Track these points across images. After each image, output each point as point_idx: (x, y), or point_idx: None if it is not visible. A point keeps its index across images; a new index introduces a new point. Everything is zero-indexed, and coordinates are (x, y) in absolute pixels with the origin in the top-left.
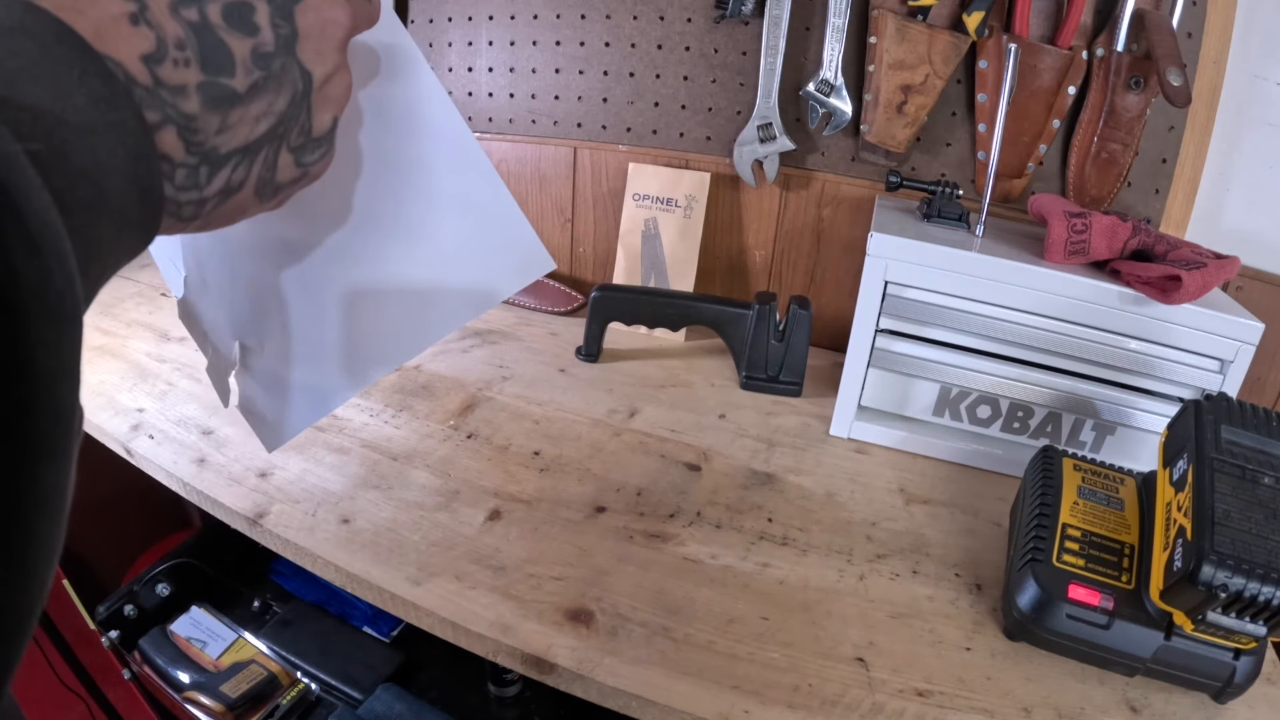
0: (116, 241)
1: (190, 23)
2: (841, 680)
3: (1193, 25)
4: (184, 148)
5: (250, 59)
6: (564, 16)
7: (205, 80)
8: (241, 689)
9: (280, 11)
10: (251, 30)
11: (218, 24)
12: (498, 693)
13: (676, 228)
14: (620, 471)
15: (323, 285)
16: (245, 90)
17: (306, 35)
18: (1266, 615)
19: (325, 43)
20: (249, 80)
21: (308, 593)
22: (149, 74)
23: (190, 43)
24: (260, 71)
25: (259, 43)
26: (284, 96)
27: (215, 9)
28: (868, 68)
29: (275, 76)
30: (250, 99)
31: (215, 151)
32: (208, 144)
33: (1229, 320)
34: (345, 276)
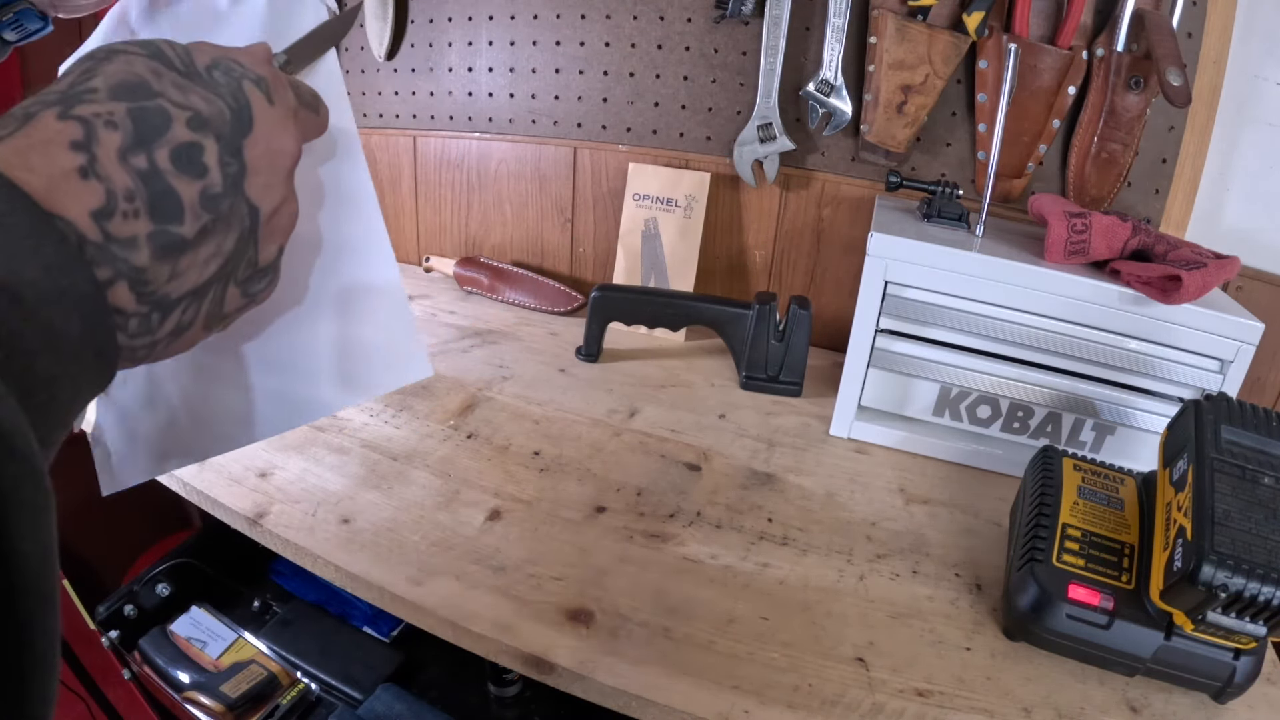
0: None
1: (139, 170)
2: (841, 680)
3: (1193, 25)
4: (135, 299)
5: (199, 202)
6: (564, 16)
7: (155, 230)
8: (241, 689)
9: (229, 148)
10: (200, 172)
11: (166, 169)
12: (498, 693)
13: (676, 228)
14: (620, 471)
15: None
16: (194, 235)
17: (255, 170)
18: (1266, 615)
19: (273, 175)
20: (198, 225)
21: (308, 593)
22: (99, 230)
23: (139, 192)
24: (209, 215)
25: (207, 184)
26: (232, 236)
27: (164, 154)
28: (868, 68)
29: (224, 217)
30: (199, 243)
31: (166, 298)
32: (159, 293)
33: (1229, 320)
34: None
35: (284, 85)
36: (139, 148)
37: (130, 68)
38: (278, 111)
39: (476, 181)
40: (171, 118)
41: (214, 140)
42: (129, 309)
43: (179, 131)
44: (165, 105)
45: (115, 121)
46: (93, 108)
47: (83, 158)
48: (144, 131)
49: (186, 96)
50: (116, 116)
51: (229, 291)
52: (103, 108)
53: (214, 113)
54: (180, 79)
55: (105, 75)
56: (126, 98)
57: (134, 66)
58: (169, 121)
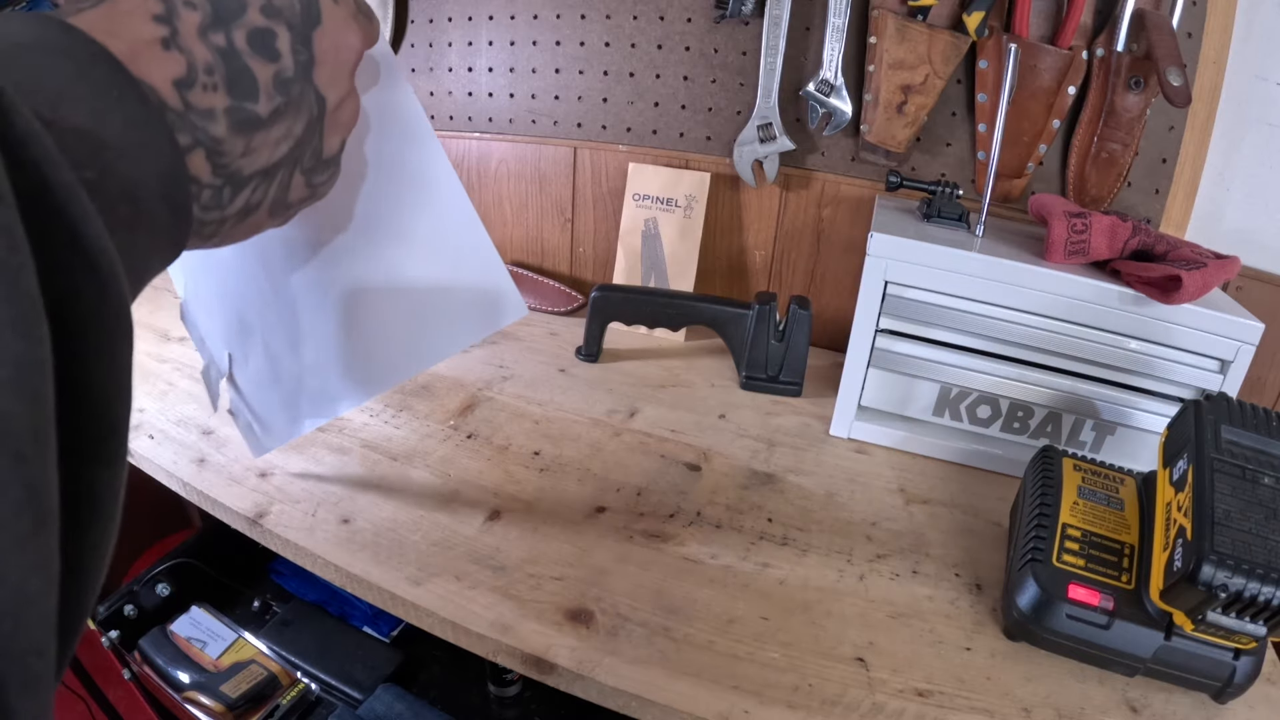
0: (150, 256)
1: (218, 48)
2: (841, 680)
3: (1193, 25)
4: (211, 170)
5: (272, 84)
6: (564, 16)
7: (232, 105)
8: (241, 689)
9: (299, 37)
10: (274, 56)
11: (243, 49)
12: (498, 693)
13: (676, 228)
14: (620, 471)
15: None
16: (268, 115)
17: (322, 61)
18: (1266, 615)
19: (339, 68)
20: (271, 105)
21: (308, 593)
22: (180, 98)
23: (218, 68)
24: (281, 97)
25: (280, 68)
26: (301, 121)
27: (241, 34)
28: (868, 68)
29: (294, 102)
30: (272, 123)
31: (239, 174)
32: (232, 166)
33: (1229, 320)
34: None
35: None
36: (217, 26)
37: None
38: (342, 10)
39: (476, 181)
40: (247, 3)
41: (285, 28)
42: (204, 179)
43: (254, 16)
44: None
45: (194, 2)
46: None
47: (165, 29)
48: (222, 12)
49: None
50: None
51: (295, 178)
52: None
53: (286, 3)
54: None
55: None
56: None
57: None
58: (244, 6)
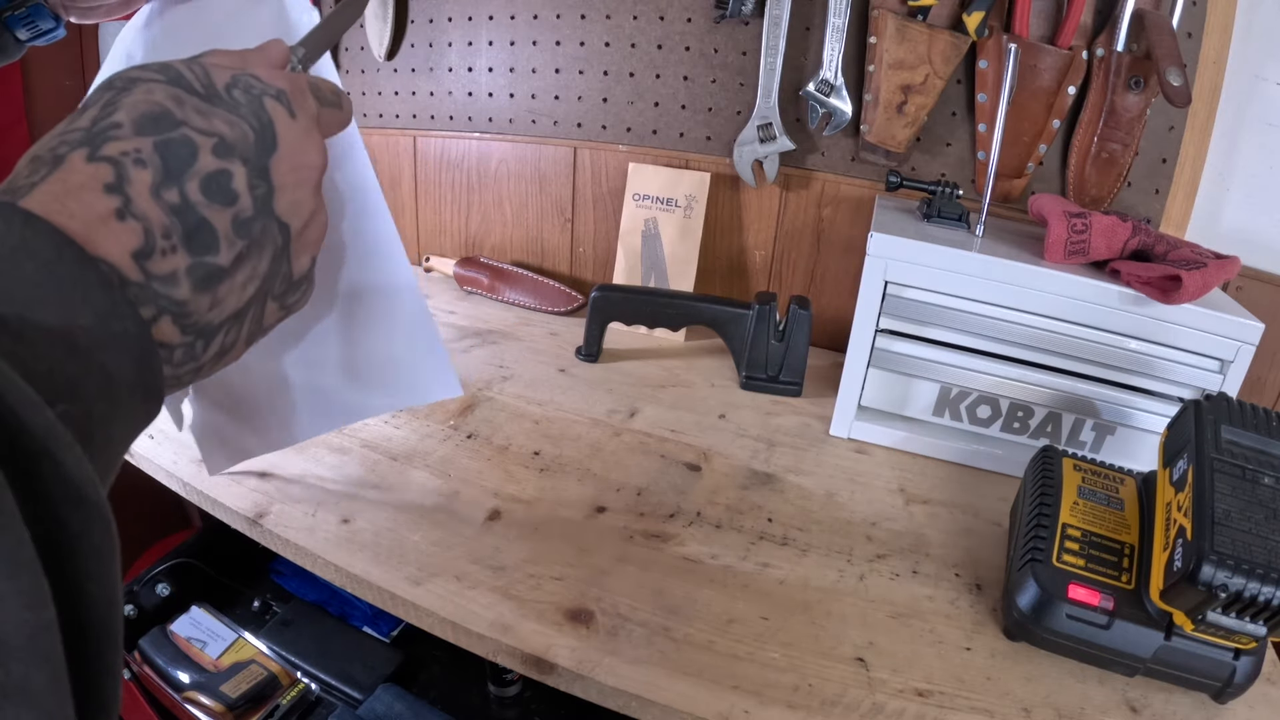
0: (126, 437)
1: (172, 205)
2: (841, 680)
3: (1193, 25)
4: (179, 331)
5: (232, 230)
6: (564, 16)
7: (193, 262)
8: (241, 689)
9: (255, 170)
10: (230, 199)
11: (198, 201)
12: (498, 693)
13: (676, 228)
14: (620, 471)
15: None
16: (230, 263)
17: (282, 188)
18: (1266, 615)
19: (301, 190)
20: (233, 252)
21: (308, 593)
22: (140, 270)
23: (175, 228)
24: (243, 240)
25: (239, 210)
26: (266, 256)
27: (194, 185)
28: (868, 68)
29: (256, 241)
30: (236, 269)
31: (209, 325)
32: (201, 322)
33: (1229, 320)
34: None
35: (304, 93)
36: (170, 182)
37: (151, 97)
38: (300, 124)
39: (476, 181)
40: (198, 147)
41: (241, 164)
42: (174, 341)
43: (206, 160)
44: (190, 134)
45: (144, 159)
46: (120, 145)
47: (117, 200)
48: (173, 165)
49: (210, 122)
50: (144, 153)
51: (267, 307)
52: (130, 144)
53: (238, 136)
54: (201, 103)
55: (127, 108)
56: (151, 130)
57: (155, 95)
58: (195, 151)
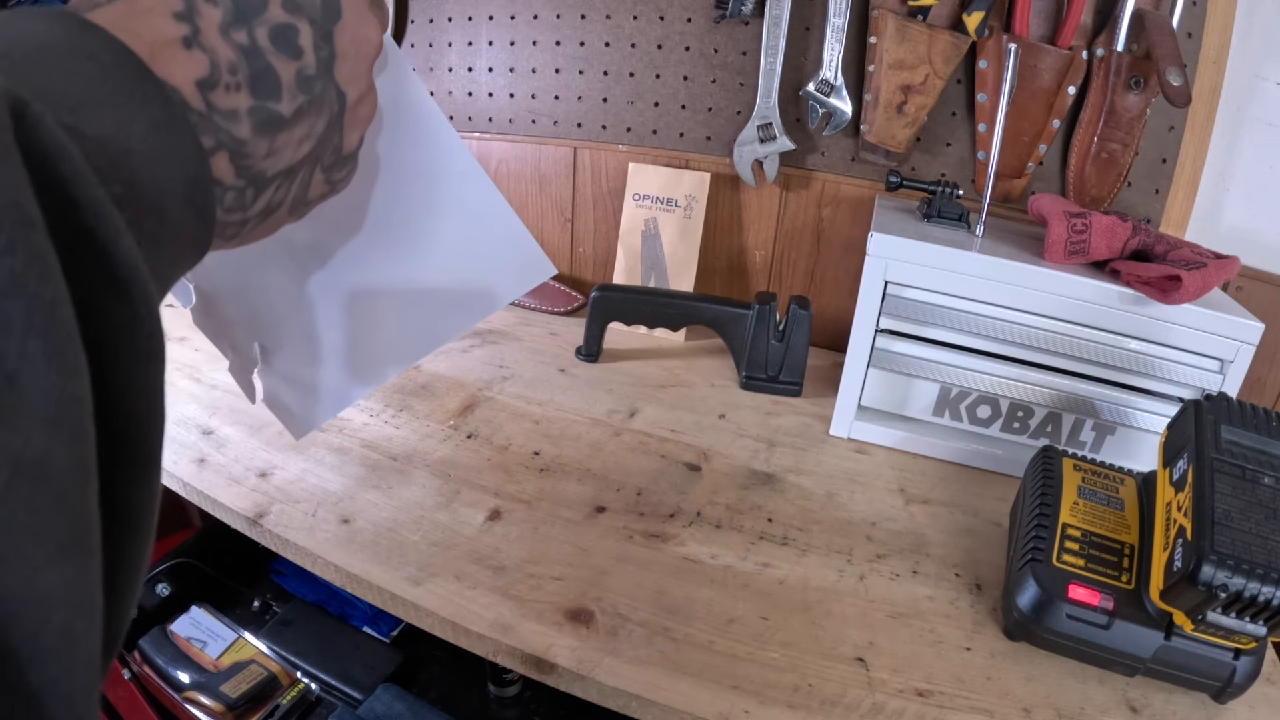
0: (175, 263)
1: (240, 45)
2: (841, 680)
3: (1193, 25)
4: (234, 172)
5: (295, 83)
6: (564, 16)
7: (255, 105)
8: (241, 689)
9: (321, 33)
10: (296, 53)
11: (265, 47)
12: (498, 693)
13: (676, 228)
14: (620, 471)
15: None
16: (291, 115)
17: (343, 57)
18: (1266, 615)
19: (359, 64)
20: (294, 105)
21: (308, 593)
22: (203, 99)
23: (241, 66)
24: (304, 95)
25: (303, 65)
26: (323, 119)
27: (263, 32)
28: (868, 68)
29: (317, 100)
30: (295, 123)
31: (262, 175)
32: (256, 168)
33: (1229, 320)
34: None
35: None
36: (240, 23)
37: None
38: (360, 3)
39: None
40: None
41: (308, 23)
42: (227, 181)
43: (276, 12)
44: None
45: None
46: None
47: (186, 28)
48: (244, 8)
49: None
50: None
51: (315, 176)
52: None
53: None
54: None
55: None
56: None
57: None
58: (266, 2)
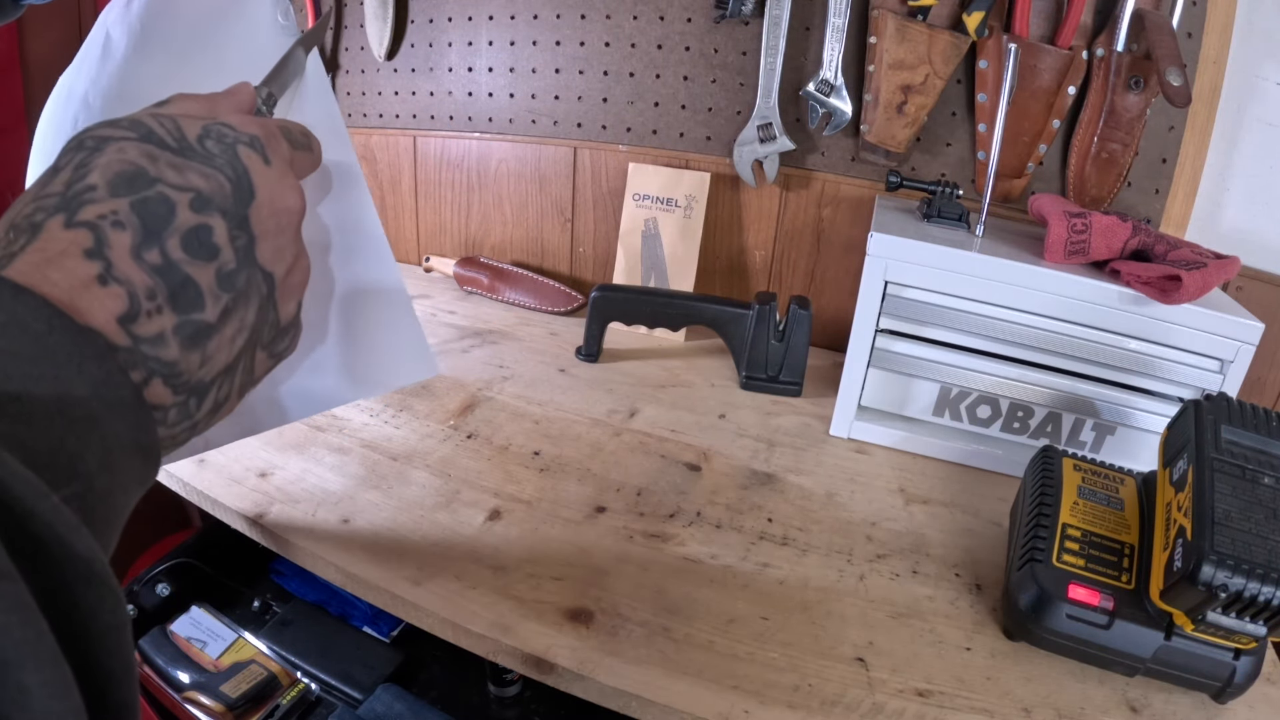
0: (127, 501)
1: (154, 266)
2: (841, 680)
3: (1193, 25)
4: (171, 392)
5: (216, 284)
6: (564, 16)
7: (180, 321)
8: (241, 689)
9: (235, 221)
10: (212, 254)
11: (180, 259)
12: (498, 693)
13: (676, 228)
14: (620, 471)
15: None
16: (217, 318)
17: (263, 236)
18: (1266, 615)
19: (282, 237)
20: (219, 307)
21: (308, 593)
22: (126, 335)
23: (159, 288)
24: (228, 294)
25: (221, 264)
26: (252, 307)
27: (174, 243)
28: (868, 68)
29: (242, 293)
30: (223, 324)
31: (201, 383)
32: (192, 380)
33: (1229, 320)
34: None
35: (276, 137)
36: (150, 242)
37: (124, 156)
38: (276, 169)
39: (476, 181)
40: (175, 204)
41: (220, 217)
42: (167, 403)
43: (185, 216)
44: (166, 191)
45: (121, 220)
46: (97, 208)
47: (98, 265)
48: (151, 224)
49: (184, 176)
50: (121, 214)
51: (257, 357)
52: (106, 206)
53: (215, 188)
54: (175, 158)
55: (101, 169)
56: (127, 191)
57: (127, 154)
58: (173, 208)
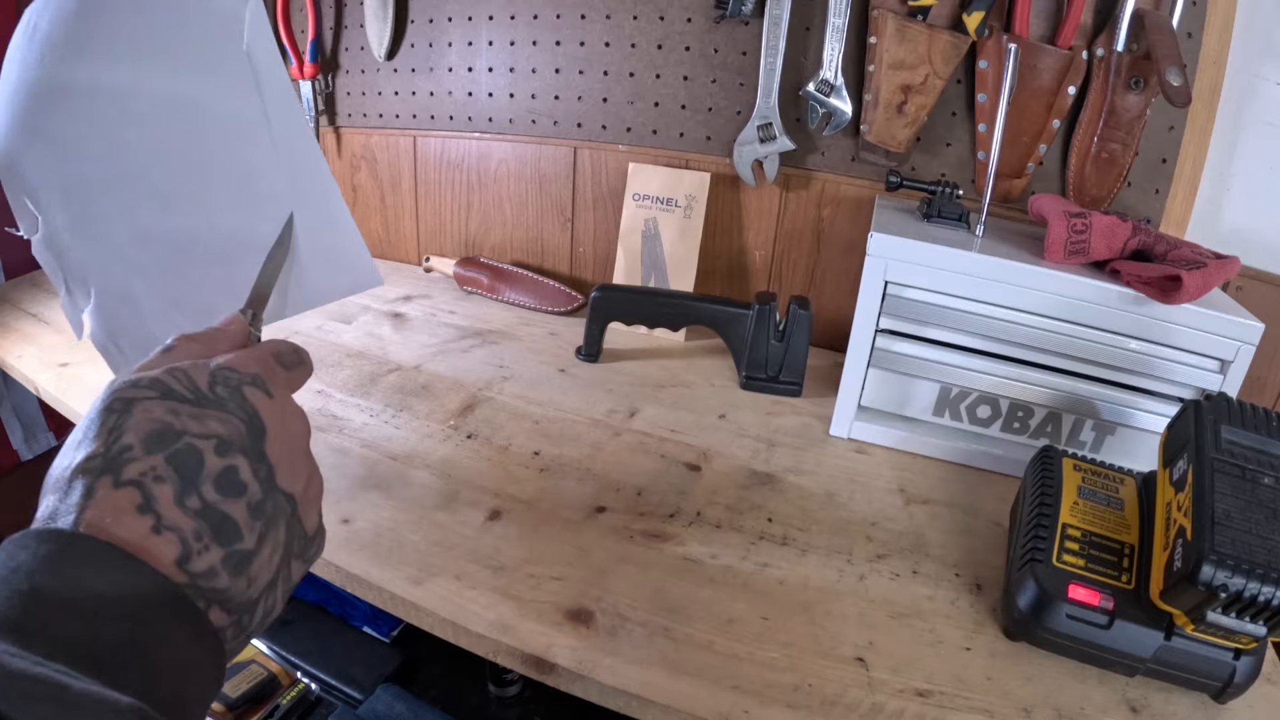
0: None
1: (195, 510)
2: (841, 680)
3: (1193, 25)
4: (227, 615)
5: (249, 515)
6: (564, 16)
7: (226, 554)
8: (241, 689)
9: (255, 456)
10: (241, 490)
11: (215, 500)
12: (498, 693)
13: (676, 228)
14: (620, 471)
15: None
16: (255, 545)
17: (279, 463)
18: (1266, 615)
19: (295, 460)
20: (255, 535)
21: (308, 593)
22: (184, 574)
23: (204, 529)
24: (260, 521)
25: (250, 497)
26: (282, 527)
27: (209, 488)
28: (868, 68)
29: (271, 517)
30: (260, 548)
31: (250, 601)
32: (242, 600)
33: (1229, 320)
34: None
35: (274, 370)
36: (189, 490)
37: (150, 415)
38: (279, 401)
39: (476, 181)
40: (202, 452)
41: (242, 456)
42: (223, 625)
43: (213, 462)
44: (194, 442)
45: (161, 475)
46: (138, 466)
47: (151, 519)
48: (187, 474)
49: (205, 425)
50: (159, 470)
51: (293, 566)
52: (145, 464)
53: (232, 431)
54: (194, 409)
55: (133, 429)
56: (159, 447)
57: (154, 413)
58: (202, 457)
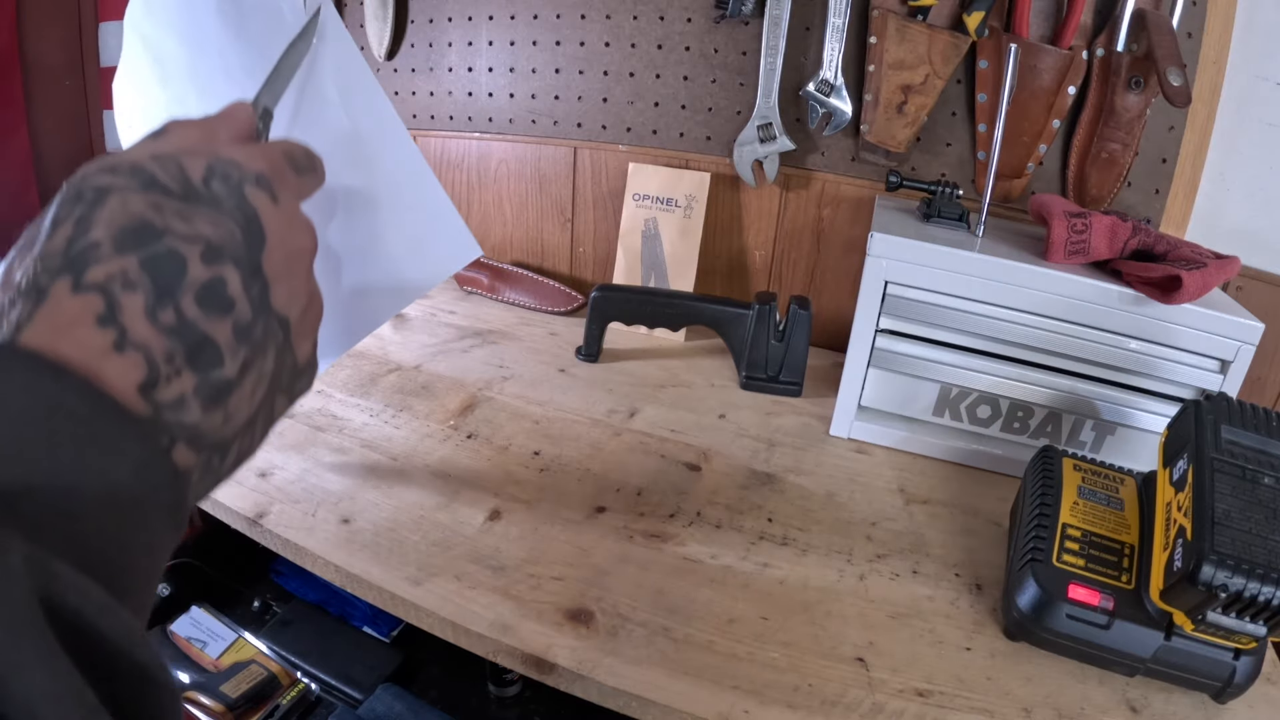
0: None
1: (169, 327)
2: (841, 680)
3: (1193, 25)
4: (194, 454)
5: (233, 338)
6: (564, 16)
7: (199, 381)
8: (241, 689)
9: (248, 268)
10: (227, 307)
11: (195, 316)
12: (498, 693)
13: (676, 228)
14: (620, 471)
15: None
16: (237, 373)
17: (276, 281)
18: (1266, 615)
19: (295, 279)
20: (238, 362)
21: (308, 593)
22: (147, 403)
23: (176, 350)
24: (245, 347)
25: (237, 317)
26: (270, 356)
27: (189, 301)
28: (868, 68)
29: (259, 343)
30: (243, 378)
31: (223, 440)
32: (215, 439)
33: (1229, 320)
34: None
35: (283, 170)
36: (164, 302)
37: (127, 208)
38: (285, 208)
39: (476, 181)
40: (185, 258)
41: (233, 266)
42: (190, 465)
43: (197, 270)
44: (176, 245)
45: (132, 280)
46: (104, 268)
47: (112, 332)
48: (163, 283)
49: (193, 225)
50: (131, 273)
51: (276, 402)
52: (114, 265)
53: (225, 236)
54: (180, 205)
55: (104, 223)
56: (134, 246)
57: (130, 205)
58: (184, 264)
